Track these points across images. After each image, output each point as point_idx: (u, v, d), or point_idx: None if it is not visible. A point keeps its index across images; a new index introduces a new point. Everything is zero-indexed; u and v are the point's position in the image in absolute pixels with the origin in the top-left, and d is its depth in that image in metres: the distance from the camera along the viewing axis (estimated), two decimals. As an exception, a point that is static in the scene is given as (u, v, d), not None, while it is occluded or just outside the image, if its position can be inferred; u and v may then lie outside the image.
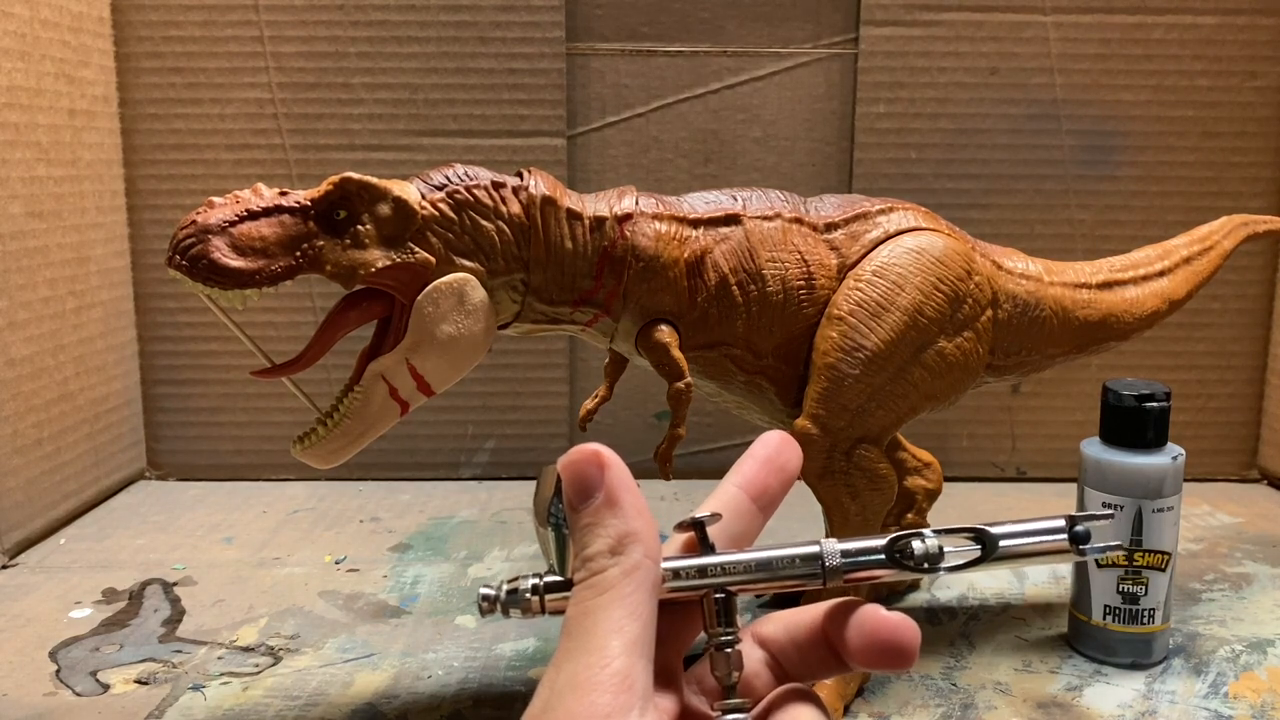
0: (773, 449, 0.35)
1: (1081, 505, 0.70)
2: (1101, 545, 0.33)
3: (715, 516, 0.33)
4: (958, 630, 0.75)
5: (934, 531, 0.33)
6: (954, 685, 0.67)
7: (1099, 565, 0.69)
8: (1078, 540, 0.32)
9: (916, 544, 0.33)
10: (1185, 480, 0.69)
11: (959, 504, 1.01)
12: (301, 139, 1.03)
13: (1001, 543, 0.33)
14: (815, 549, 0.33)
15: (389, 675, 0.68)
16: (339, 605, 0.79)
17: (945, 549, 0.33)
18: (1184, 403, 1.07)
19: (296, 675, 0.68)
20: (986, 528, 0.33)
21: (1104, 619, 0.69)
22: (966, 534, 0.33)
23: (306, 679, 0.67)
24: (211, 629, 0.74)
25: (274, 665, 0.69)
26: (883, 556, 0.33)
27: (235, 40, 1.01)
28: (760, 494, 0.35)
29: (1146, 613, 0.68)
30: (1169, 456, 0.67)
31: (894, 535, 0.33)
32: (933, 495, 0.79)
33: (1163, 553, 0.68)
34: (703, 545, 0.33)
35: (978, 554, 0.33)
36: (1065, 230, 1.06)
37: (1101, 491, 0.68)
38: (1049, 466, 1.10)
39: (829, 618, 0.33)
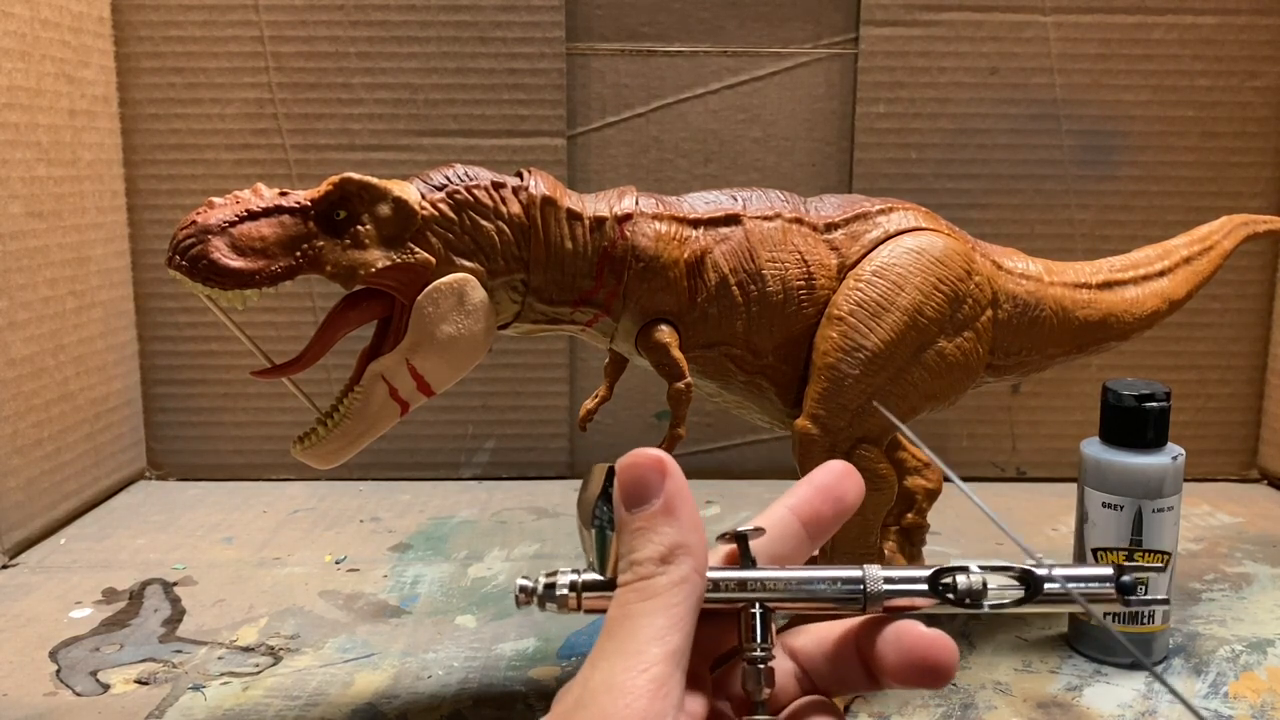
0: (833, 478, 0.35)
1: (1082, 505, 0.70)
2: (1149, 598, 0.33)
3: (759, 531, 0.33)
4: (958, 630, 0.75)
5: (980, 568, 0.32)
6: (954, 685, 0.67)
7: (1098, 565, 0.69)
8: (1125, 591, 0.32)
9: (961, 578, 0.32)
10: (1185, 480, 0.69)
11: (959, 504, 1.01)
12: (301, 139, 1.03)
13: (1046, 585, 0.32)
14: (858, 573, 0.32)
15: (389, 675, 0.68)
16: (339, 605, 0.79)
17: (989, 586, 0.32)
18: (1184, 403, 1.07)
19: (296, 675, 0.68)
20: (1033, 569, 0.32)
21: (1104, 619, 0.69)
22: (1012, 573, 0.32)
23: (306, 679, 0.67)
24: (211, 629, 0.74)
25: (274, 665, 0.69)
26: (925, 588, 0.32)
27: (235, 40, 1.01)
28: (811, 520, 0.34)
29: (1146, 613, 0.68)
30: (1169, 456, 0.67)
31: (939, 568, 0.32)
32: (933, 495, 0.79)
33: (1163, 553, 0.68)
34: (744, 559, 0.33)
35: (1021, 594, 0.32)
36: (1065, 230, 1.06)
37: (1101, 491, 0.68)
38: (1049, 466, 1.10)
39: (863, 632, 0.33)
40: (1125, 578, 0.32)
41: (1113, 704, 0.65)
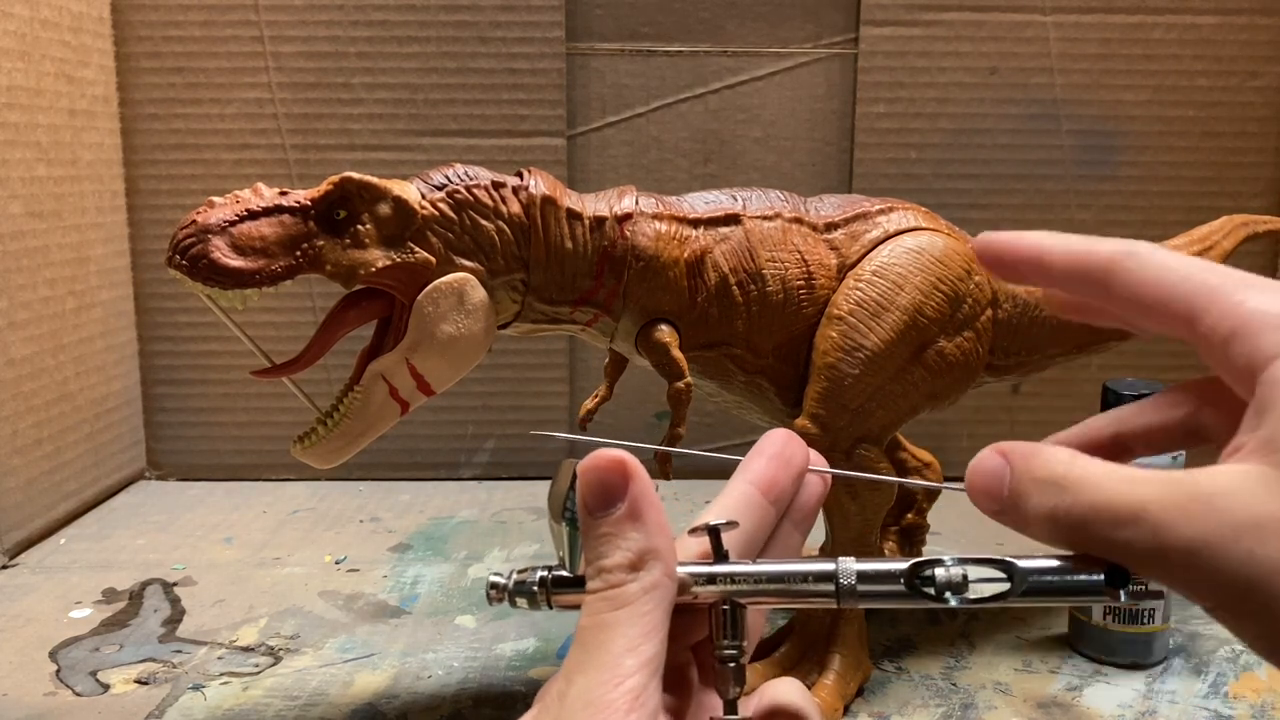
0: (778, 445, 0.34)
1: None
2: (1144, 589, 0.30)
3: (731, 524, 0.32)
4: (958, 630, 0.75)
5: (957, 560, 0.31)
6: (954, 685, 0.67)
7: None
8: (1115, 582, 0.29)
9: (939, 571, 0.30)
10: (1185, 480, 0.69)
11: (959, 504, 1.00)
12: (301, 139, 1.03)
13: (1031, 577, 0.30)
14: (830, 567, 0.31)
15: (389, 675, 0.68)
16: (339, 605, 0.79)
17: (969, 579, 0.30)
18: (1184, 403, 1.07)
19: (296, 675, 0.68)
20: (1015, 560, 0.30)
21: (1104, 619, 0.69)
22: (992, 565, 0.30)
23: (306, 679, 0.67)
24: (211, 629, 0.74)
25: (274, 665, 0.69)
26: (901, 582, 0.31)
27: (235, 40, 1.01)
28: (770, 488, 0.34)
29: (1146, 613, 0.68)
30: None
31: (915, 561, 0.31)
32: (932, 495, 0.80)
33: (1163, 553, 0.67)
34: (715, 553, 0.32)
35: (1004, 588, 0.30)
36: (1065, 230, 1.06)
37: (1101, 491, 0.68)
38: (1049, 466, 1.09)
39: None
40: (1117, 569, 0.30)
41: (1113, 704, 0.65)
